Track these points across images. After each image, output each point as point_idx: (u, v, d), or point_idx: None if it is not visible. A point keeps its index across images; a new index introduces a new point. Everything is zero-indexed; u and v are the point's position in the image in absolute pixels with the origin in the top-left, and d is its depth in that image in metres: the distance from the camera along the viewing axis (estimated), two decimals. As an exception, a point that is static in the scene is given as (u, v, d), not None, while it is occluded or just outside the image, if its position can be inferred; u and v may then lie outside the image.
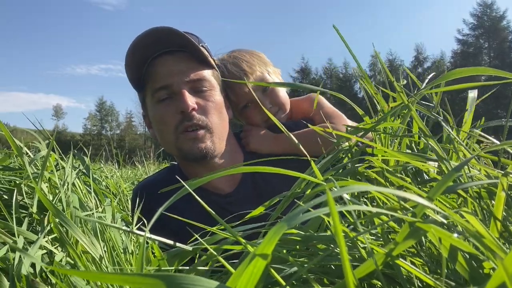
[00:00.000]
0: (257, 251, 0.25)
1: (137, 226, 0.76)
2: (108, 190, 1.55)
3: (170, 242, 0.46)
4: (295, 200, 0.47)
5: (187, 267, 0.46)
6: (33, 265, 0.52)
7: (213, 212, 0.41)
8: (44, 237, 0.56)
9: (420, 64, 40.94)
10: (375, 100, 0.59)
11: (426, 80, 0.58)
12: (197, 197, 0.42)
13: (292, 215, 0.26)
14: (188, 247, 0.46)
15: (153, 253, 0.52)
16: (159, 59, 1.02)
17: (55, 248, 0.57)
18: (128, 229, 0.45)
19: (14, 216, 0.56)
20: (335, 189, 0.35)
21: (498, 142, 0.41)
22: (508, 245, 0.36)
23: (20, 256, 0.50)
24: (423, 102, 0.57)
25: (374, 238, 0.43)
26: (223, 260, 0.37)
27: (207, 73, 1.04)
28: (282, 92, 1.21)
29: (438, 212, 0.32)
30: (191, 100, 0.98)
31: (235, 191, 1.07)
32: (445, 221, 0.31)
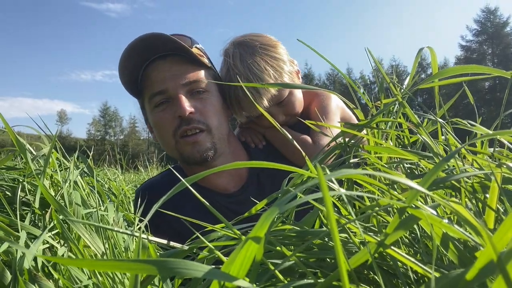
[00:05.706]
0: (250, 235, 0.25)
1: (138, 226, 0.76)
2: (110, 192, 1.56)
3: (164, 241, 0.46)
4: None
5: None
6: (35, 259, 0.53)
7: (211, 207, 0.41)
8: (46, 233, 0.57)
9: (423, 70, 40.92)
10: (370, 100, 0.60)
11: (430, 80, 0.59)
12: (194, 192, 0.42)
13: (283, 200, 0.26)
14: (184, 246, 0.46)
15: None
16: (152, 65, 1.01)
17: (57, 242, 0.58)
18: (123, 230, 0.45)
19: (18, 212, 0.57)
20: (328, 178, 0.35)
21: (490, 132, 0.42)
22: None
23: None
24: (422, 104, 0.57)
25: (372, 234, 0.43)
26: (218, 253, 0.38)
27: (202, 74, 1.03)
28: (298, 99, 1.10)
29: (432, 199, 0.33)
30: (187, 104, 0.97)
31: (240, 191, 1.07)
32: (434, 212, 0.31)
